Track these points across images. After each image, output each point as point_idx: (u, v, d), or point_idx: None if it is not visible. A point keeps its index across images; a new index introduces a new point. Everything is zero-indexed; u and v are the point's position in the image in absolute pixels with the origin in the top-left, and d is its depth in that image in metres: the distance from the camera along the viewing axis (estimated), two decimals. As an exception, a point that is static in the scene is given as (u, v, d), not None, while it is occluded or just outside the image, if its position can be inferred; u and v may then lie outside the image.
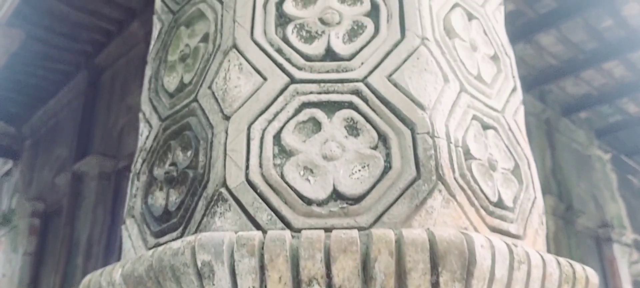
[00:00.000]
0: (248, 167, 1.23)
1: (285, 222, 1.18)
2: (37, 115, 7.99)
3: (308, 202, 1.19)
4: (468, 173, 1.29)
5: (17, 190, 8.16)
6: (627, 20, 5.73)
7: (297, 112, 1.30)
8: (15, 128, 8.38)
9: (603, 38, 6.00)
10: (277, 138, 1.27)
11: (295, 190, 1.20)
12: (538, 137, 6.59)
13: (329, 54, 1.36)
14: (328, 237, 1.09)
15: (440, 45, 1.40)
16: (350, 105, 1.30)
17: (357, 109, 1.29)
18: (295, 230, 1.15)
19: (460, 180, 1.26)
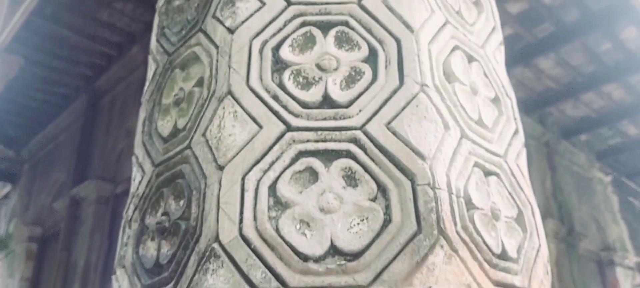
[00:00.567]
0: (242, 220, 1.19)
1: (281, 280, 1.13)
2: (36, 139, 7.97)
3: (304, 258, 1.15)
4: (470, 225, 1.24)
5: (14, 215, 8.09)
6: (625, 44, 5.74)
7: (293, 161, 1.26)
8: (15, 151, 8.34)
9: (602, 61, 6.01)
10: (272, 189, 1.23)
11: (291, 246, 1.16)
12: (538, 160, 6.56)
13: (327, 101, 1.33)
14: (325, 297, 1.05)
15: (440, 91, 1.37)
16: (348, 154, 1.26)
17: (355, 158, 1.26)
18: (291, 289, 1.10)
19: (463, 233, 1.21)
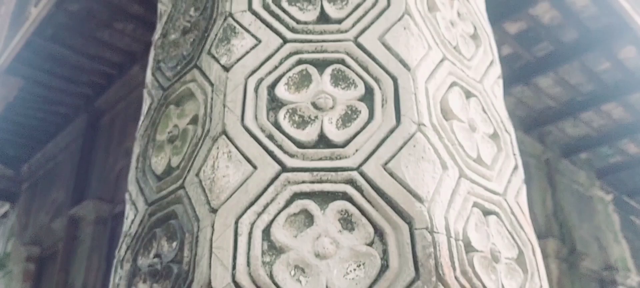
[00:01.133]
0: (235, 266, 1.16)
1: (275, 329, 1.10)
2: (35, 158, 7.94)
3: (299, 306, 1.12)
4: (470, 269, 1.21)
5: (13, 234, 8.03)
6: (623, 63, 5.75)
7: (288, 203, 1.23)
8: (13, 170, 8.31)
9: (601, 80, 6.01)
10: (266, 232, 1.20)
11: (286, 293, 1.13)
12: (538, 178, 6.52)
13: (322, 140, 1.31)
14: (320, 349, 1.02)
15: (438, 130, 1.35)
16: (345, 196, 1.24)
17: (351, 200, 1.23)
18: (285, 339, 1.07)
19: (462, 279, 1.18)
